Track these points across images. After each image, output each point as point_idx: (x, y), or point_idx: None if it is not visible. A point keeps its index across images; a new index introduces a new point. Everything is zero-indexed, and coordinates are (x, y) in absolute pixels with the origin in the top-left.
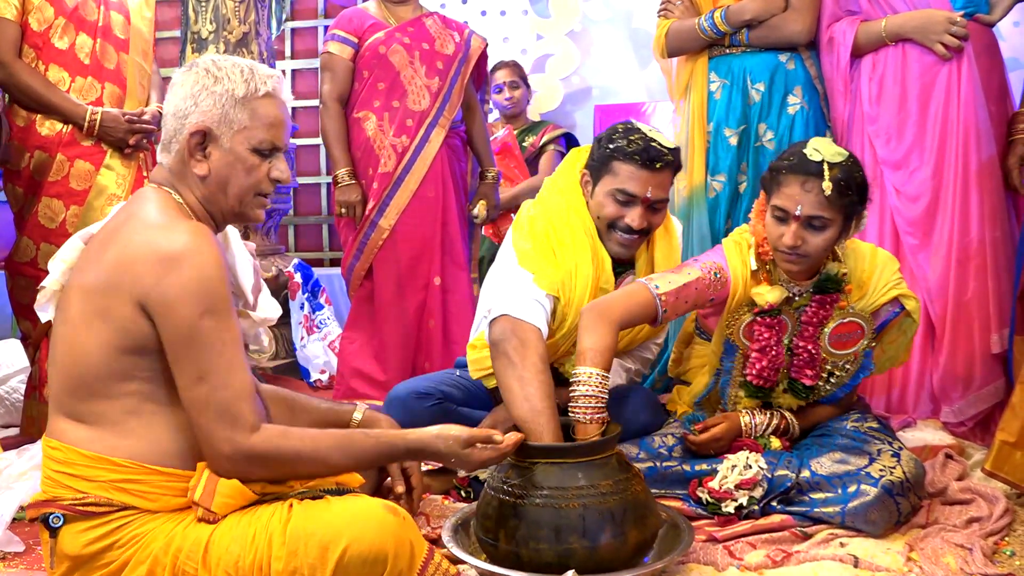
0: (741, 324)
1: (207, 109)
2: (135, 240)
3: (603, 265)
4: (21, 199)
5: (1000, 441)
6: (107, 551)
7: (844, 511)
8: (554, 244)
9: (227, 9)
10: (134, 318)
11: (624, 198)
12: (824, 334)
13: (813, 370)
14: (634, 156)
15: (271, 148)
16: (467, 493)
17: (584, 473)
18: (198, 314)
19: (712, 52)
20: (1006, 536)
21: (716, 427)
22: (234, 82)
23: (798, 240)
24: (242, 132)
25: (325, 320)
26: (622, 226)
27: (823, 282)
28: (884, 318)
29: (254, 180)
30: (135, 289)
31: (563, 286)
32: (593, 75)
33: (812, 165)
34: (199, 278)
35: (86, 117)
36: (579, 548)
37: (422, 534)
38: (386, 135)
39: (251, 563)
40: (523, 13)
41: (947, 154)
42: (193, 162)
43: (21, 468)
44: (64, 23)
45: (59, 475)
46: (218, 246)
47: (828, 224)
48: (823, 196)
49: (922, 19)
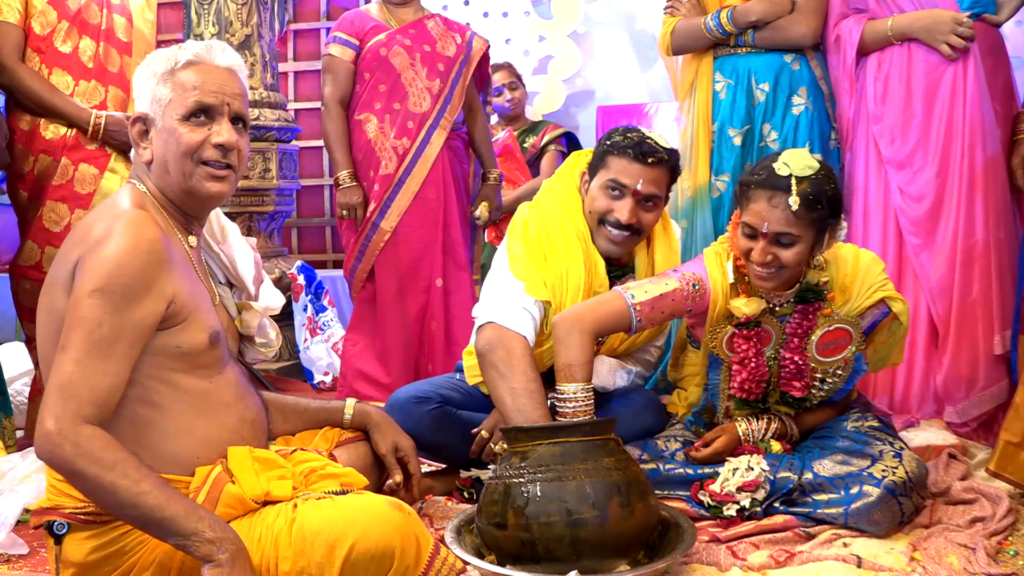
0: (723, 337)
1: (141, 95)
2: (77, 232)
3: (596, 269)
4: (26, 203)
5: (1004, 442)
6: (113, 558)
7: (847, 512)
8: (546, 249)
9: (229, 11)
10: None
11: (615, 188)
12: (811, 344)
13: (801, 382)
14: (627, 149)
15: (200, 110)
16: (470, 494)
17: (587, 450)
18: (89, 290)
19: (717, 52)
20: (1009, 536)
21: (716, 441)
22: (158, 62)
23: (767, 256)
24: (169, 106)
25: (328, 322)
26: (611, 220)
27: (804, 292)
28: (872, 320)
29: (186, 147)
30: (68, 279)
31: (554, 291)
32: (595, 76)
33: (779, 180)
34: (106, 258)
35: (91, 121)
36: (590, 519)
37: None
38: (387, 137)
39: (258, 564)
40: (525, 14)
41: (952, 154)
42: (140, 151)
43: (25, 471)
44: (67, 27)
45: (61, 484)
46: (153, 236)
47: (797, 240)
48: (790, 212)
49: (928, 19)
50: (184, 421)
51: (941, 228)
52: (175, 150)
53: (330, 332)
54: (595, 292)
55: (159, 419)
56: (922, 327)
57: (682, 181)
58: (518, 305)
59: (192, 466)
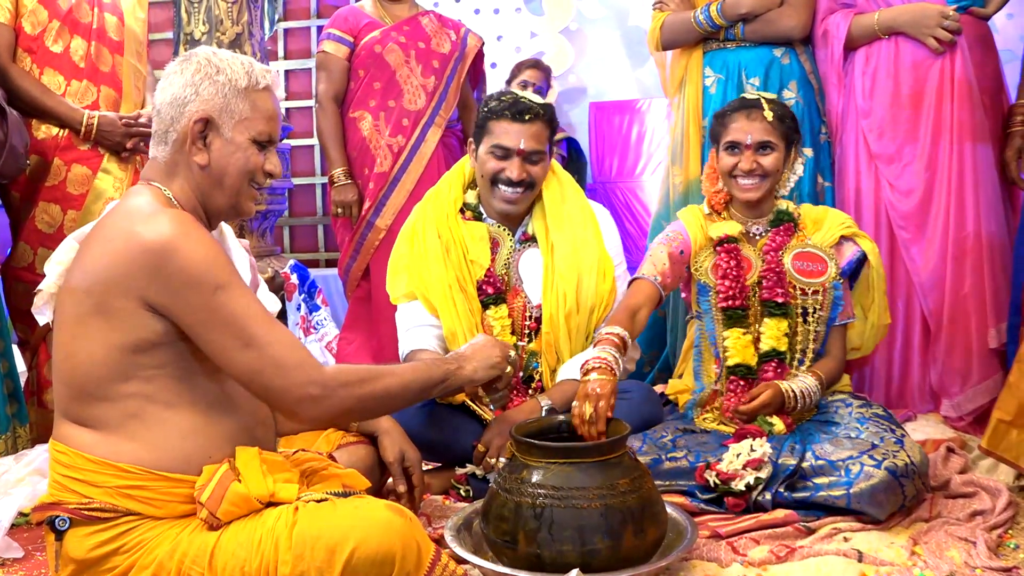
0: (707, 265)
1: (208, 98)
2: (120, 235)
3: (461, 247)
4: (18, 204)
5: (996, 419)
6: (112, 556)
7: (849, 494)
8: (407, 255)
9: (220, 10)
10: (137, 314)
11: (501, 152)
12: (786, 257)
13: (783, 287)
14: (504, 112)
15: (268, 140)
16: (467, 492)
17: (602, 472)
18: (210, 292)
19: (707, 46)
20: (1010, 529)
21: (762, 395)
22: (236, 73)
23: (752, 164)
24: (243, 122)
25: (322, 321)
26: (503, 179)
27: (778, 215)
28: (848, 259)
29: (250, 169)
30: (132, 285)
31: (417, 289)
32: (588, 73)
33: (752, 101)
34: (195, 261)
35: (83, 121)
36: (603, 548)
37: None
38: (382, 135)
39: (258, 567)
40: (516, 11)
41: (940, 148)
42: (194, 150)
43: (19, 474)
44: (58, 26)
45: (65, 479)
46: (202, 228)
47: (774, 147)
48: (767, 123)
49: (914, 12)
50: (197, 420)
51: (931, 222)
52: (239, 167)
53: (324, 331)
54: (470, 264)
55: (166, 419)
56: (916, 321)
57: (673, 176)
58: (413, 324)
59: (200, 465)
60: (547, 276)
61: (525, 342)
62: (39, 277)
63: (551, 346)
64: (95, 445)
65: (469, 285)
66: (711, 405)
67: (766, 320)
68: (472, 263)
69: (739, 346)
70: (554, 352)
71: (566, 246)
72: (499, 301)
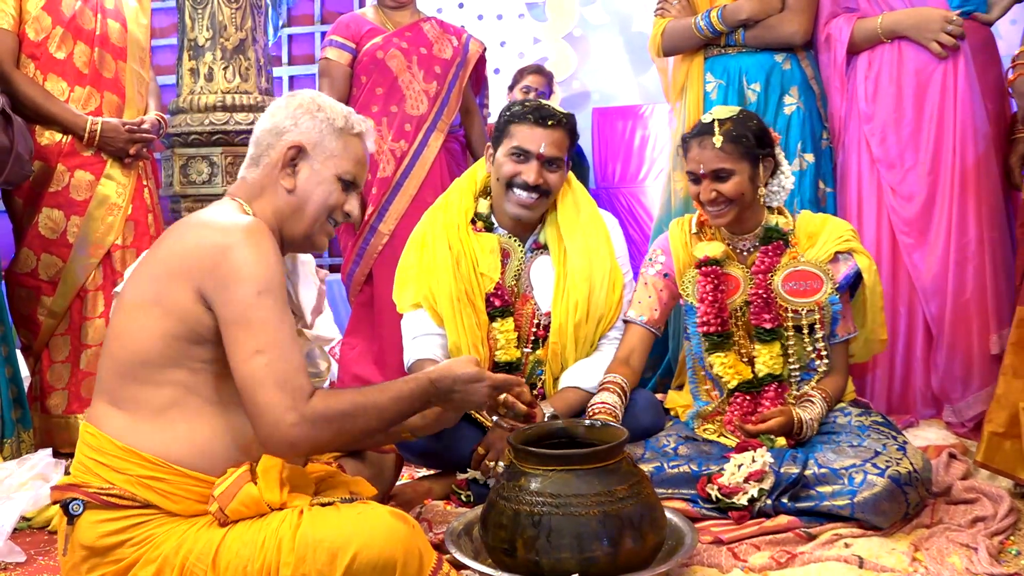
0: (692, 285)
1: (306, 130)
2: (193, 231)
3: (471, 259)
4: (21, 210)
5: (989, 432)
6: (119, 547)
7: (853, 503)
8: (416, 265)
9: (223, 16)
10: (192, 307)
11: (519, 154)
12: (775, 279)
13: (770, 313)
14: (527, 116)
15: (352, 181)
16: (468, 497)
17: (600, 479)
18: (255, 292)
19: (708, 52)
20: (1011, 535)
21: (773, 420)
22: (335, 114)
23: (711, 193)
24: (333, 159)
25: None
26: (519, 183)
27: (767, 232)
28: (845, 273)
29: (331, 204)
30: (194, 276)
31: (425, 300)
32: (591, 79)
33: (705, 127)
34: (255, 259)
35: (86, 128)
36: (601, 555)
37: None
38: (384, 140)
39: (260, 568)
40: (519, 17)
41: (943, 153)
42: (283, 175)
43: (21, 478)
44: (62, 32)
45: (90, 461)
46: (271, 237)
47: (731, 173)
48: (716, 150)
49: (918, 17)
50: (230, 421)
51: (933, 227)
52: (321, 200)
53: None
54: (480, 277)
55: (205, 412)
56: (919, 327)
57: (675, 182)
58: (418, 333)
59: (225, 468)
60: (559, 285)
61: (530, 349)
62: (42, 283)
63: (557, 355)
64: (125, 432)
65: (478, 298)
66: (713, 419)
67: (757, 346)
68: (482, 276)
69: (730, 371)
70: (559, 361)
71: (579, 256)
72: (506, 314)
